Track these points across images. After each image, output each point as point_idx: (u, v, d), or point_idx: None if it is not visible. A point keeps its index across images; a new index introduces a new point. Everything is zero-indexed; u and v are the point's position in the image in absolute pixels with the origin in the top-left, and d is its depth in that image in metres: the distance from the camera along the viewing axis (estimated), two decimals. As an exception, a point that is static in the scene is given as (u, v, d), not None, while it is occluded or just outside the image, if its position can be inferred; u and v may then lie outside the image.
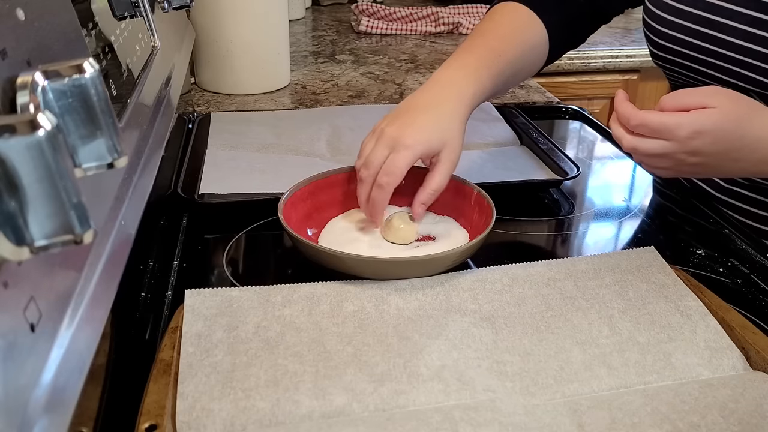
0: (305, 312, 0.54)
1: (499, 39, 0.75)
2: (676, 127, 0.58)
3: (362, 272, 0.59)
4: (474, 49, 0.73)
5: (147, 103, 0.57)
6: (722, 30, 0.69)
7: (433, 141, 0.64)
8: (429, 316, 0.55)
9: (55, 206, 0.25)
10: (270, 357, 0.49)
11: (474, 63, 0.71)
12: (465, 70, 0.70)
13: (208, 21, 1.10)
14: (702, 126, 0.58)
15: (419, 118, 0.65)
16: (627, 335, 0.53)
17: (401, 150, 0.63)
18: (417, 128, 0.64)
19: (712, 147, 0.59)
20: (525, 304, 0.56)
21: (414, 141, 0.63)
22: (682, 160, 0.60)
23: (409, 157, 0.63)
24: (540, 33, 0.78)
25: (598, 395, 0.48)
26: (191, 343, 0.50)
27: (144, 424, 0.42)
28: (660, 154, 0.60)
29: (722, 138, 0.58)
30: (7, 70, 0.29)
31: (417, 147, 0.63)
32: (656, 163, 0.62)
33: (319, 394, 0.46)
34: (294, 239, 0.62)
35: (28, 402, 0.27)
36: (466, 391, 0.47)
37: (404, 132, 0.64)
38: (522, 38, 0.76)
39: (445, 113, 0.66)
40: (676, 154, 0.60)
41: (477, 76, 0.69)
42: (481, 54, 0.72)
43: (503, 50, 0.73)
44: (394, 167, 0.63)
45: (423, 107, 0.66)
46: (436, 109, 0.66)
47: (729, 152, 0.59)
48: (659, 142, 0.59)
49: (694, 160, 0.60)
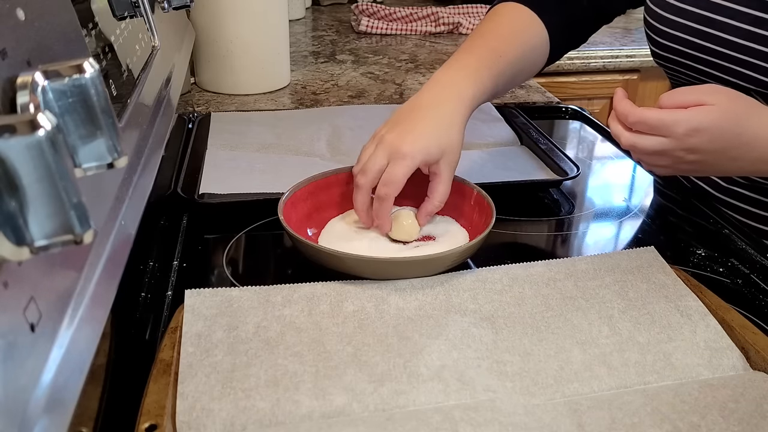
0: (305, 312, 0.54)
1: (499, 39, 0.75)
2: (674, 124, 0.58)
3: (362, 272, 0.59)
4: (474, 50, 0.73)
5: (147, 103, 0.57)
6: (724, 29, 0.69)
7: (432, 149, 0.64)
8: (429, 316, 0.55)
9: (55, 206, 0.25)
10: (270, 357, 0.49)
11: (474, 64, 0.71)
12: (465, 71, 0.70)
13: (208, 21, 1.10)
14: (699, 123, 0.58)
15: (419, 125, 0.65)
16: (627, 335, 0.53)
17: (400, 159, 0.63)
18: (416, 136, 0.64)
19: (710, 145, 0.59)
20: (525, 304, 0.56)
21: (413, 150, 0.63)
22: (680, 158, 0.60)
23: (407, 166, 0.63)
24: (540, 33, 0.78)
25: (598, 395, 0.48)
26: (191, 343, 0.50)
27: (144, 424, 0.42)
28: (658, 152, 0.60)
29: (719, 136, 0.58)
30: (7, 70, 0.29)
31: (416, 156, 0.63)
32: (654, 160, 0.62)
33: (319, 394, 0.46)
34: (294, 239, 0.62)
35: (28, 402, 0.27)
36: (466, 391, 0.47)
37: (403, 140, 0.63)
38: (522, 39, 0.76)
39: (444, 117, 0.66)
40: (674, 152, 0.60)
41: (477, 76, 0.69)
42: (482, 54, 0.72)
43: (504, 51, 0.73)
44: (393, 178, 0.62)
45: (423, 111, 0.66)
46: (436, 113, 0.66)
47: (727, 150, 0.59)
48: (657, 139, 0.59)
49: (692, 158, 0.60)
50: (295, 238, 0.62)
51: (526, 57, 0.76)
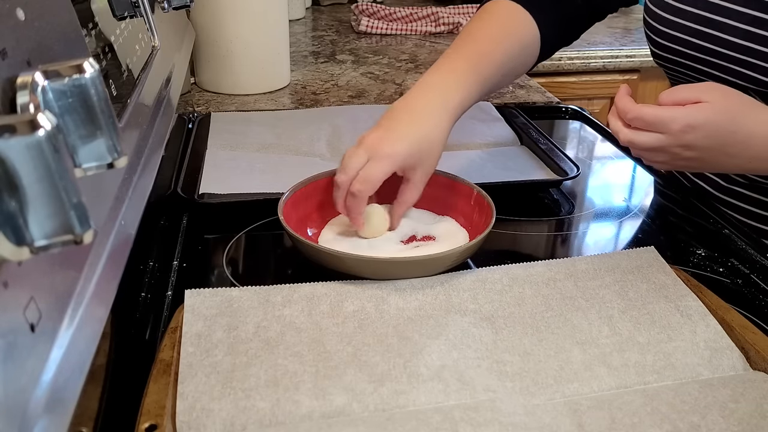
0: (305, 312, 0.54)
1: (488, 40, 0.74)
2: (670, 120, 0.59)
3: (362, 272, 0.59)
4: (463, 51, 0.72)
5: (147, 103, 0.57)
6: (722, 29, 0.69)
7: (413, 153, 0.64)
8: (429, 316, 0.55)
9: (55, 206, 0.25)
10: (270, 357, 0.49)
11: (462, 66, 0.70)
12: (453, 75, 0.70)
13: (208, 21, 1.10)
14: (695, 120, 0.59)
15: (403, 128, 0.65)
16: (627, 335, 0.53)
17: (378, 160, 0.63)
18: (397, 137, 0.64)
19: (705, 141, 0.59)
20: (525, 304, 0.56)
21: (393, 151, 0.63)
22: (677, 154, 0.61)
23: (386, 167, 0.63)
24: (532, 32, 0.77)
25: (598, 395, 0.48)
26: (191, 343, 0.50)
27: (144, 424, 0.42)
28: (655, 148, 0.61)
29: (714, 132, 0.59)
30: (7, 70, 0.29)
31: (395, 158, 0.63)
32: (652, 156, 0.63)
33: (319, 394, 0.46)
34: (294, 239, 0.62)
35: (28, 402, 0.27)
36: (466, 391, 0.47)
37: (384, 141, 0.64)
38: (513, 38, 0.76)
39: (428, 123, 0.66)
40: (671, 148, 0.60)
41: (465, 82, 0.69)
42: (470, 57, 0.71)
43: (492, 51, 0.73)
44: (369, 176, 0.63)
45: (409, 114, 0.66)
46: (421, 119, 0.66)
47: (723, 147, 0.60)
48: (654, 135, 0.60)
49: (689, 154, 0.61)
50: (295, 238, 0.62)
51: (515, 57, 0.76)
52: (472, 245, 0.62)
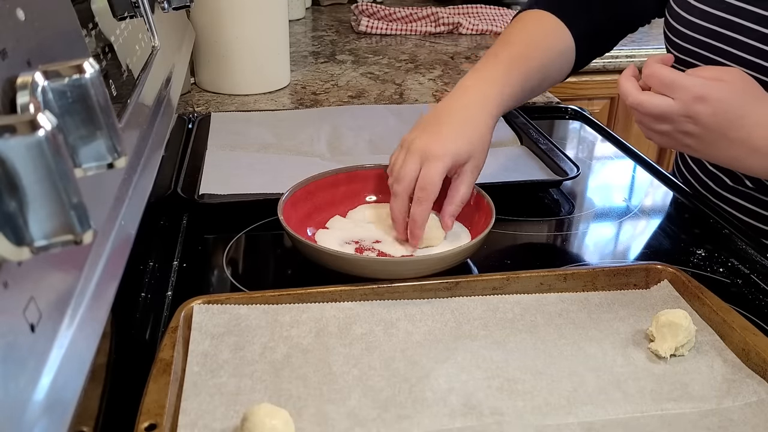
0: (313, 333, 0.54)
1: (526, 45, 0.75)
2: (686, 86, 0.59)
3: (362, 272, 0.59)
4: (500, 55, 0.73)
5: (147, 103, 0.57)
6: (740, 32, 0.68)
7: (461, 151, 0.64)
8: (438, 340, 0.54)
9: (55, 206, 0.25)
10: (275, 381, 0.49)
11: (501, 68, 0.71)
12: (492, 75, 0.70)
13: (208, 21, 1.10)
14: (708, 92, 0.59)
15: (445, 129, 0.65)
16: (642, 366, 0.52)
17: (432, 161, 0.63)
18: (445, 139, 0.64)
19: (711, 119, 0.59)
20: (537, 331, 0.55)
21: (444, 151, 0.63)
22: (680, 127, 0.61)
23: (441, 167, 0.63)
24: (566, 41, 0.78)
25: (614, 418, 0.46)
26: (197, 362, 0.50)
27: (144, 423, 0.42)
28: (661, 114, 0.61)
29: (723, 111, 0.59)
30: (7, 70, 0.29)
31: (447, 157, 0.63)
32: (656, 125, 0.62)
33: (321, 420, 0.45)
34: (294, 239, 0.62)
35: (28, 402, 0.27)
36: (473, 414, 0.46)
37: (434, 142, 0.64)
38: (548, 45, 0.76)
39: (471, 121, 0.66)
40: (677, 117, 0.60)
41: (504, 81, 0.70)
42: (508, 60, 0.72)
43: (531, 56, 0.73)
44: (429, 180, 0.62)
45: (450, 116, 0.67)
46: (463, 117, 0.66)
47: (726, 130, 0.60)
48: (664, 99, 0.60)
49: (691, 129, 0.60)
50: (295, 238, 0.61)
51: (552, 63, 0.76)
52: (472, 245, 0.62)
